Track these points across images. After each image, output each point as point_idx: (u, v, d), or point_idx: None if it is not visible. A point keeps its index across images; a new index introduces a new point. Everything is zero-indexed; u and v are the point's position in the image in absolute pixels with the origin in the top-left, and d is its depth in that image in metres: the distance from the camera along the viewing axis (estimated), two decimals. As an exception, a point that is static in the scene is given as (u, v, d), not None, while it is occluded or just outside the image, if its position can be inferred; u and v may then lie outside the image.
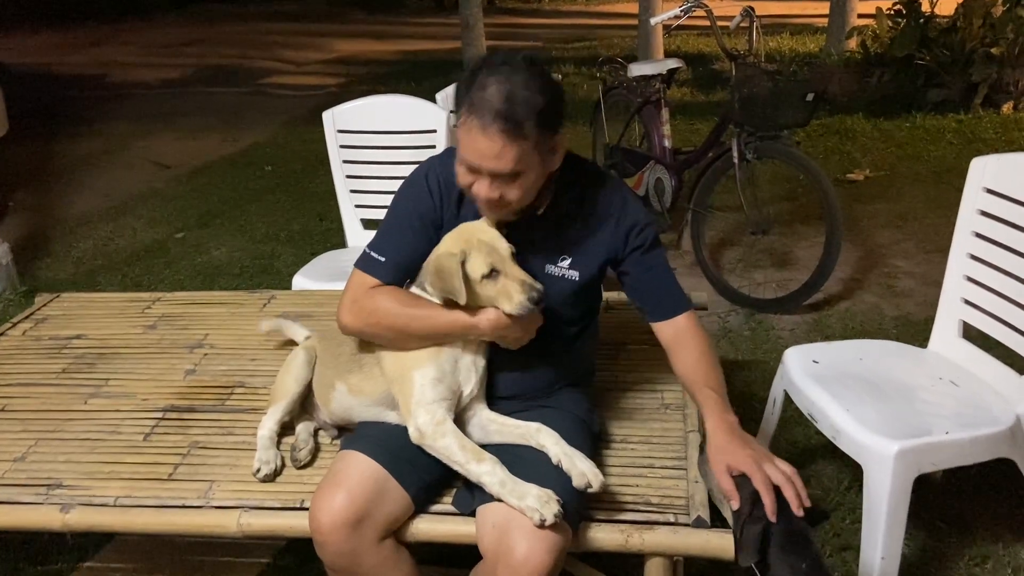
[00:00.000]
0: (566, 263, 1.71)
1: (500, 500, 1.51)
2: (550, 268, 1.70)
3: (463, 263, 1.56)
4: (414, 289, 1.69)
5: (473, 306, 1.60)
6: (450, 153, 1.72)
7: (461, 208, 1.70)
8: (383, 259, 1.69)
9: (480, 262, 1.57)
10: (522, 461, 1.58)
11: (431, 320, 1.63)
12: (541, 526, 1.46)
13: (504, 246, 1.59)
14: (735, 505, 1.52)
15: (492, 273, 1.57)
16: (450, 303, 1.61)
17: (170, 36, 13.76)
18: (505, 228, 1.65)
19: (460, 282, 1.55)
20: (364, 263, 1.71)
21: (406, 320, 1.64)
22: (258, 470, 1.76)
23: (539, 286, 1.56)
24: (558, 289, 1.70)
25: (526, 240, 1.66)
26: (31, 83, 9.97)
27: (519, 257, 1.62)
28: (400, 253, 1.67)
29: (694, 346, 1.74)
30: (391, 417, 1.73)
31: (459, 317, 1.61)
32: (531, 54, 1.56)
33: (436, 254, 1.62)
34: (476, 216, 1.67)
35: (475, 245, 1.58)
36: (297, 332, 2.19)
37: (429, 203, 1.69)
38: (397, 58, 10.86)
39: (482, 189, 1.54)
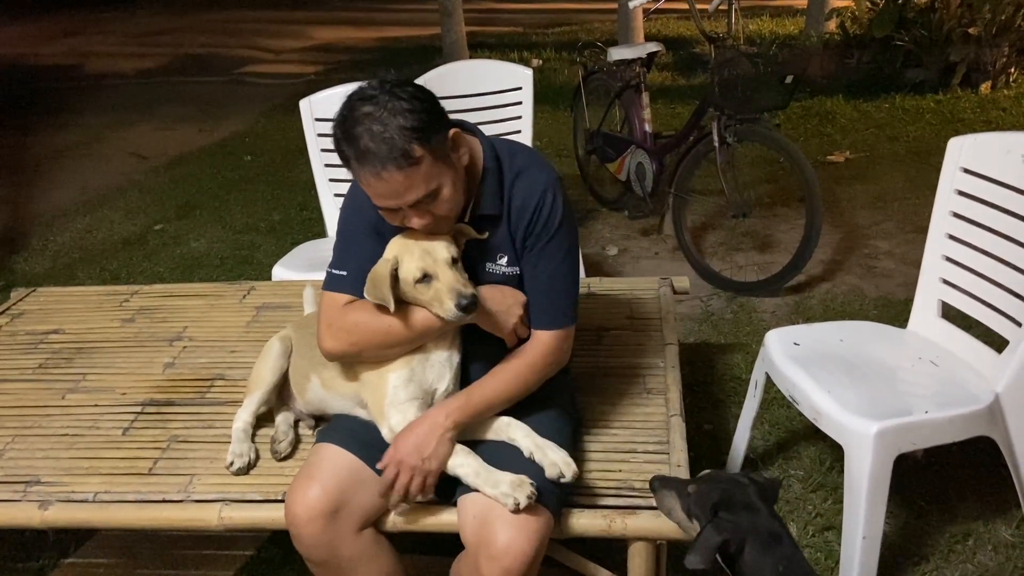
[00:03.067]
0: (504, 260, 1.67)
1: (476, 490, 1.51)
2: (490, 267, 1.68)
3: (396, 269, 1.55)
4: None
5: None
6: None
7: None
8: (345, 273, 1.67)
9: (412, 267, 1.54)
10: (500, 454, 1.58)
11: (410, 321, 1.60)
12: (516, 511, 1.46)
13: (443, 251, 1.55)
14: (380, 491, 1.54)
15: (425, 278, 1.54)
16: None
17: (147, 25, 13.59)
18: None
19: (388, 289, 1.52)
20: (329, 283, 1.69)
21: (386, 327, 1.60)
22: (231, 463, 1.75)
23: (469, 292, 1.52)
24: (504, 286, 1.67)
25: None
26: (5, 75, 9.82)
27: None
28: (360, 264, 1.63)
29: (522, 358, 1.65)
30: (363, 414, 1.72)
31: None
32: (383, 79, 1.53)
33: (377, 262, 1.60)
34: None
35: (410, 249, 1.56)
36: (307, 305, 2.17)
37: (373, 211, 1.65)
38: (376, 45, 10.77)
39: (413, 220, 1.53)
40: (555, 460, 1.54)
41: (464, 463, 1.54)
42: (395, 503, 1.58)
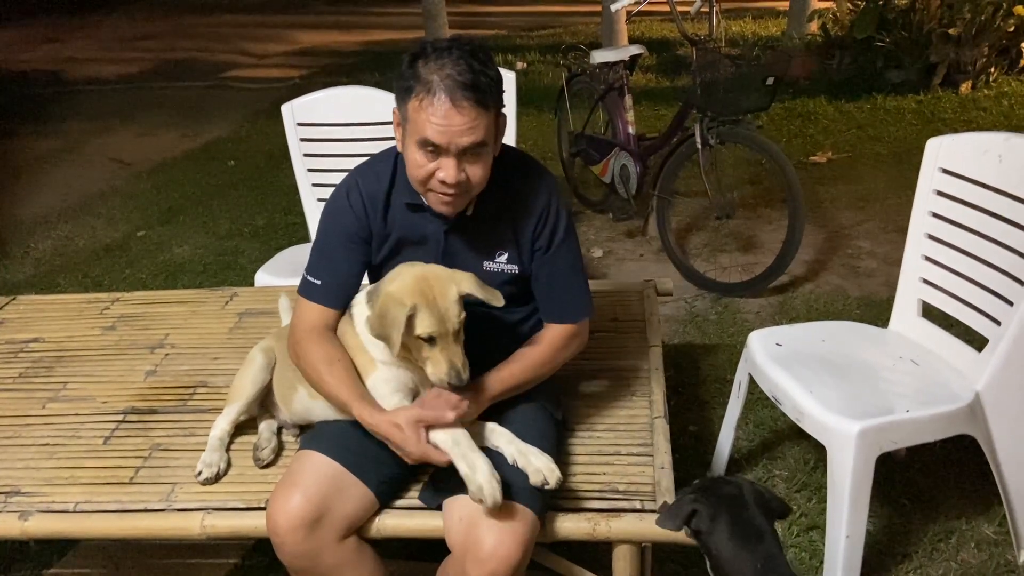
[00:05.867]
0: (503, 258, 1.70)
1: (462, 493, 1.50)
2: (488, 264, 1.69)
3: (411, 316, 1.51)
4: (357, 317, 1.67)
5: (401, 362, 1.60)
6: (371, 164, 1.72)
7: (388, 219, 1.69)
8: (319, 282, 1.69)
9: (426, 325, 1.51)
10: None
11: (336, 397, 1.62)
12: (478, 502, 1.47)
13: (455, 317, 1.53)
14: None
15: (431, 339, 1.53)
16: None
17: (128, 30, 13.48)
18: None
19: (399, 336, 1.49)
20: (303, 288, 1.72)
21: (318, 382, 1.66)
22: (199, 472, 1.74)
23: (465, 375, 1.52)
24: (499, 283, 1.69)
25: (460, 240, 1.66)
26: (-16, 82, 9.73)
27: (455, 257, 1.65)
28: (334, 275, 1.67)
29: (540, 347, 1.72)
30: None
31: (358, 411, 1.58)
32: (468, 38, 1.57)
33: (387, 292, 1.55)
34: (404, 225, 1.67)
35: (430, 304, 1.51)
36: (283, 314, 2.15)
37: (353, 221, 1.68)
38: (360, 48, 10.74)
39: (449, 171, 1.52)
40: (539, 467, 1.54)
41: (447, 433, 1.53)
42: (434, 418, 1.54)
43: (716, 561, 1.41)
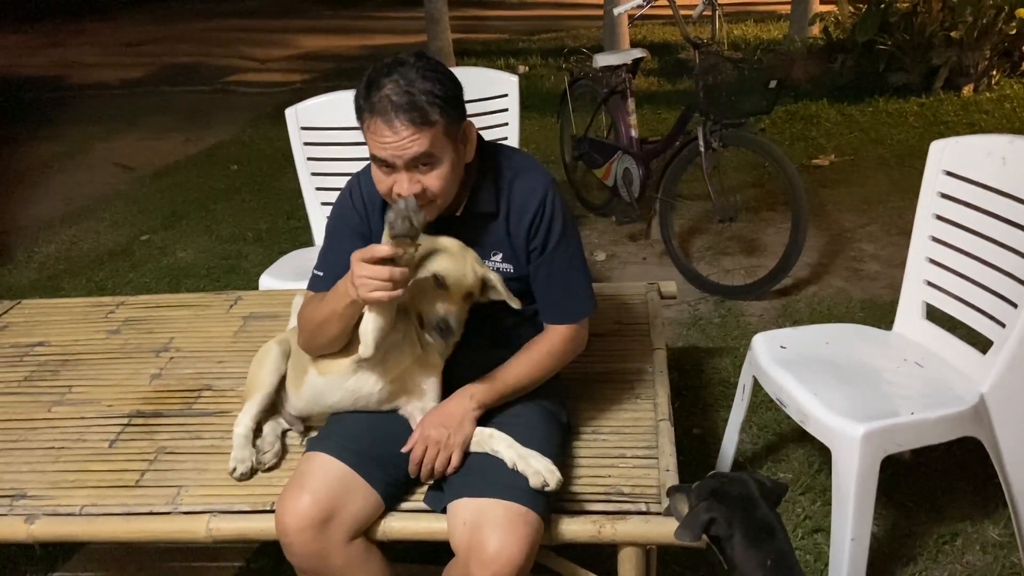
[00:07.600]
0: (499, 257, 1.72)
1: (468, 496, 1.50)
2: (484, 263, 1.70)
3: (435, 252, 1.58)
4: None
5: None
6: (369, 166, 1.73)
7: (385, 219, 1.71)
8: (321, 274, 1.73)
9: (444, 266, 1.58)
10: (484, 465, 1.59)
11: (329, 311, 1.60)
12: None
13: (470, 282, 1.61)
14: (410, 470, 1.63)
15: (441, 282, 1.57)
16: None
17: (131, 35, 13.52)
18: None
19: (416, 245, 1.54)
20: (310, 282, 1.76)
21: (314, 310, 1.66)
22: (234, 469, 1.75)
23: (457, 332, 1.60)
24: None
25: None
26: (-11, 86, 9.76)
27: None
28: (336, 267, 1.68)
29: (543, 346, 1.75)
30: (365, 385, 1.69)
31: (343, 288, 1.55)
32: (420, 51, 1.59)
33: (430, 237, 1.62)
34: None
35: (456, 258, 1.60)
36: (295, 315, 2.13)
37: (355, 217, 1.73)
38: (362, 53, 10.75)
39: (403, 185, 1.55)
40: (539, 469, 1.54)
41: (500, 438, 1.60)
42: (425, 478, 1.63)
43: (730, 561, 1.42)
